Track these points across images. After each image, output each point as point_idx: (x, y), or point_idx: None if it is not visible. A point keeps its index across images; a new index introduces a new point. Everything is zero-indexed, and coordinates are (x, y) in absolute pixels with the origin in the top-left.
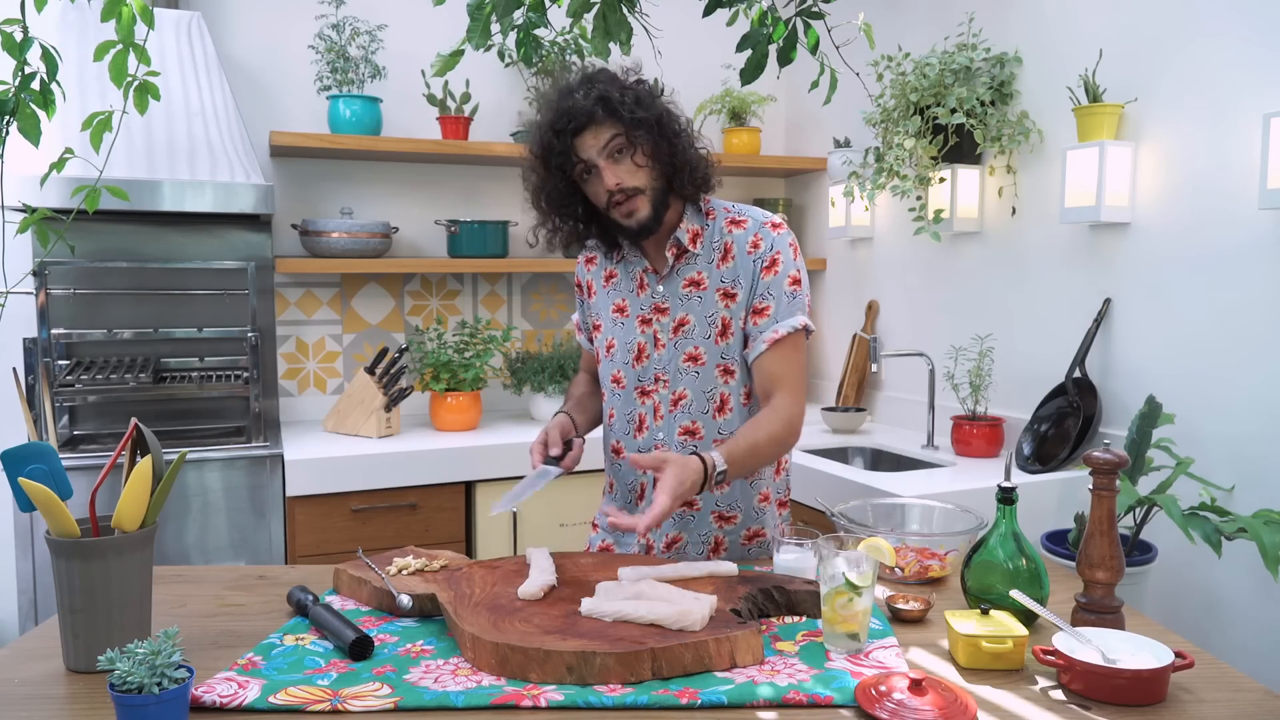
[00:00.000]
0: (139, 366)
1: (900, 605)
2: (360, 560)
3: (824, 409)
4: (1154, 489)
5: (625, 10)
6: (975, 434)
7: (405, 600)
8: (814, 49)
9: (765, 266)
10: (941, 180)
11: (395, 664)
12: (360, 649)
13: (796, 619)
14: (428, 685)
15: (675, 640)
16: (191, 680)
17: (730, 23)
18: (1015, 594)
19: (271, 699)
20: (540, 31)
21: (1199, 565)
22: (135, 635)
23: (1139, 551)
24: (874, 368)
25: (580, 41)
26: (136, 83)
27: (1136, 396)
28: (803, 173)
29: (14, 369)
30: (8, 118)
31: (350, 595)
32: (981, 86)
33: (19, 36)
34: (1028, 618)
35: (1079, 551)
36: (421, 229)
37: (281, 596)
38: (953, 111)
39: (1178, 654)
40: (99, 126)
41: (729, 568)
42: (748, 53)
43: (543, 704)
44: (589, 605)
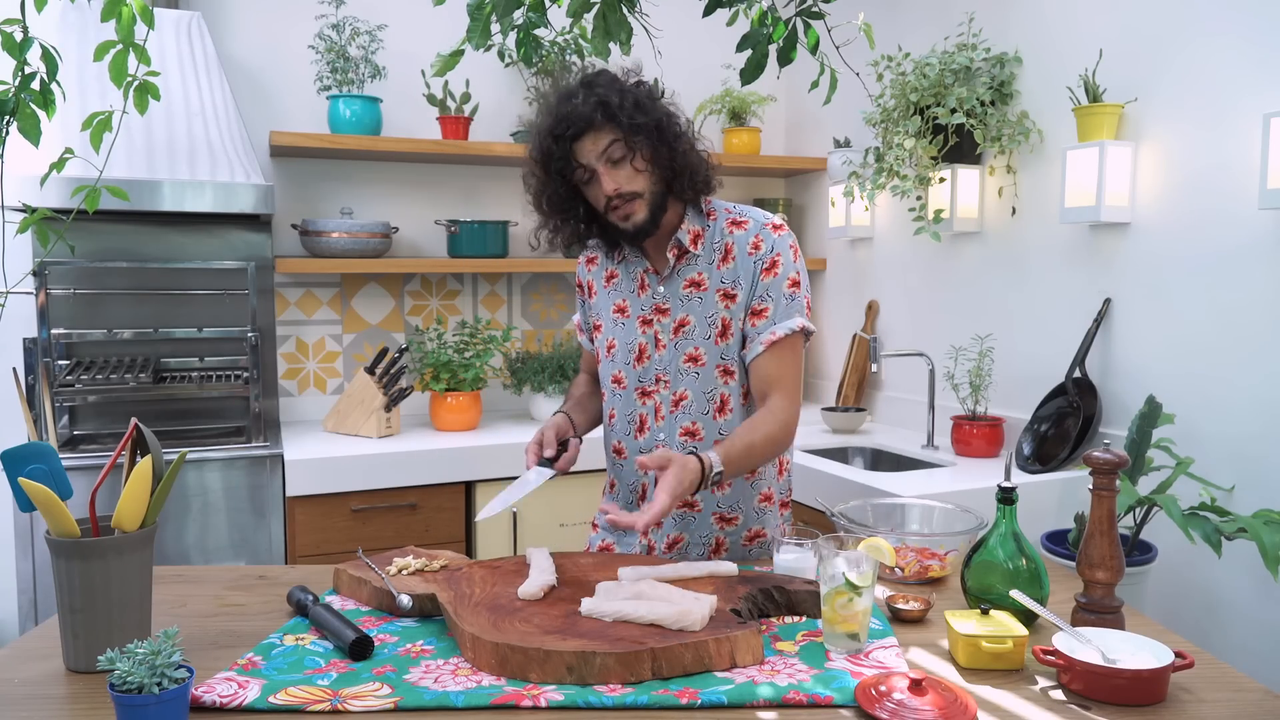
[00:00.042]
0: (139, 366)
1: (900, 605)
2: (360, 560)
3: (824, 409)
4: (1154, 489)
5: (625, 10)
6: (975, 434)
7: (405, 600)
8: (814, 49)
9: (765, 268)
10: (941, 180)
11: (395, 664)
12: (360, 649)
13: (796, 619)
14: (428, 685)
15: (675, 640)
16: (191, 680)
17: (730, 23)
18: (1015, 594)
19: (271, 699)
20: (540, 31)
21: (1199, 565)
22: (135, 635)
23: (1139, 551)
24: (874, 368)
25: (580, 41)
26: (136, 83)
27: (1136, 396)
28: (803, 173)
29: (14, 369)
30: (8, 118)
31: (350, 595)
32: (981, 86)
33: (19, 36)
34: (1028, 618)
35: (1079, 551)
36: (421, 229)
37: (281, 596)
38: (953, 111)
39: (1178, 654)
40: (99, 126)
41: (729, 568)
42: (748, 53)
43: (543, 704)
44: (589, 605)
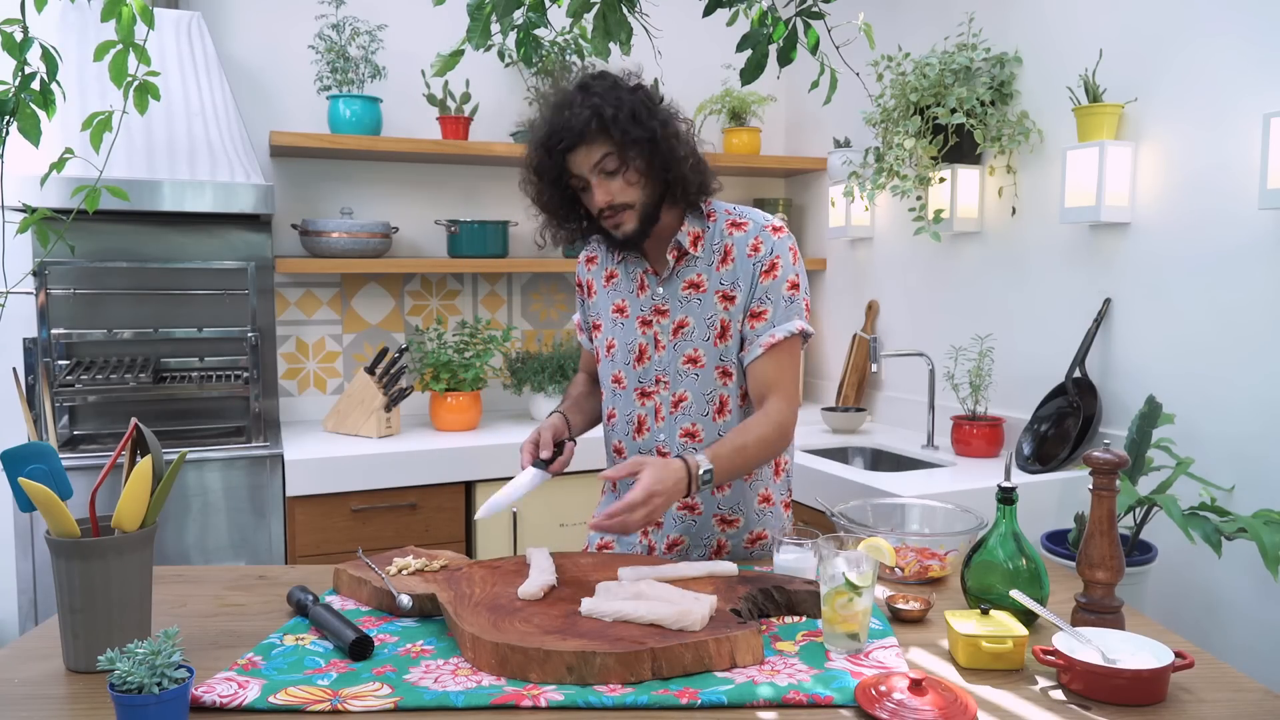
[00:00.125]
0: (139, 366)
1: (900, 605)
2: (360, 560)
3: (824, 409)
4: (1154, 489)
5: (625, 10)
6: (975, 434)
7: (405, 600)
8: (814, 49)
9: (765, 270)
10: (941, 180)
11: (395, 664)
12: (360, 649)
13: (796, 619)
14: (428, 685)
15: (675, 640)
16: (191, 680)
17: (730, 23)
18: (1015, 594)
19: (271, 699)
20: (540, 31)
21: (1199, 565)
22: (135, 635)
23: (1139, 551)
24: (874, 368)
25: (580, 41)
26: (136, 83)
27: (1136, 396)
28: (803, 173)
29: (14, 369)
30: (8, 118)
31: (350, 595)
32: (981, 86)
33: (19, 36)
34: (1028, 618)
35: (1079, 551)
36: (421, 229)
37: (281, 596)
38: (953, 111)
39: (1178, 654)
40: (99, 126)
41: (729, 568)
42: (748, 53)
43: (543, 704)
44: (589, 605)
